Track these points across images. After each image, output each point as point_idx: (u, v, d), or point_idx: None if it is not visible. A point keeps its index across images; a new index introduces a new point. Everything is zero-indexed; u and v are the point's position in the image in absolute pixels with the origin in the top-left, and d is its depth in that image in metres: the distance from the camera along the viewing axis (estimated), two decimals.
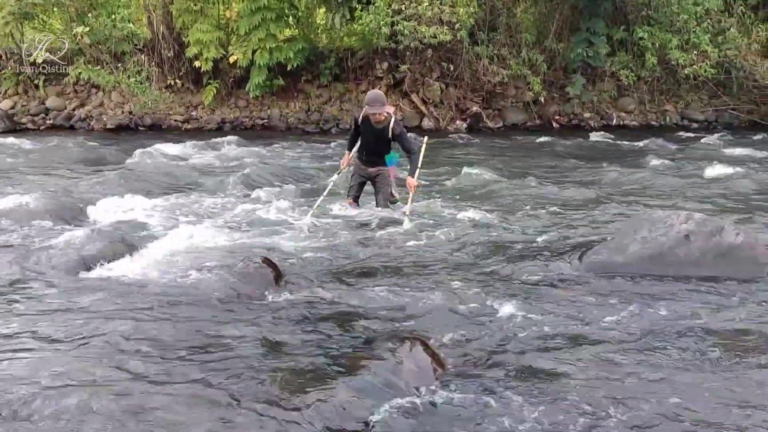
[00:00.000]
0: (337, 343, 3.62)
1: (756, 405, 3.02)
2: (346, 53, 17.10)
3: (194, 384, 3.11)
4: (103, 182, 8.46)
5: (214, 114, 16.96)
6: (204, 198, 7.79)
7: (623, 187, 8.81)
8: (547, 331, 3.85)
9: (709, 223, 4.98)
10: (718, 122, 16.93)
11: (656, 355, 3.54)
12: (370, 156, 6.87)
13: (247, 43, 16.04)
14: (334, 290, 4.52)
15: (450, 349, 3.61)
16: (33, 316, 3.96)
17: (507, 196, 8.20)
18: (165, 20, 16.78)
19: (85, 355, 3.39)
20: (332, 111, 16.98)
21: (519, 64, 16.27)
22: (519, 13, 17.59)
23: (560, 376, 3.31)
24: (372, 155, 6.87)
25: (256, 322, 3.91)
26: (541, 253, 5.35)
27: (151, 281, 4.60)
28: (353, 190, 7.09)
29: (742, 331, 3.84)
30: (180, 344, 3.57)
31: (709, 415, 2.95)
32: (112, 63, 16.48)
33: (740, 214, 6.84)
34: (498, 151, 12.78)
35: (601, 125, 16.64)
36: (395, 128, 6.63)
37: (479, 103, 16.72)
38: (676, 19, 16.24)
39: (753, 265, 4.86)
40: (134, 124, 16.66)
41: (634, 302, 4.27)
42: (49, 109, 17.20)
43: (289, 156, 11.94)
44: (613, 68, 16.58)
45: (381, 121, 6.60)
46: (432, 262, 5.22)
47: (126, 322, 3.81)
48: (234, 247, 5.44)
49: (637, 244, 4.96)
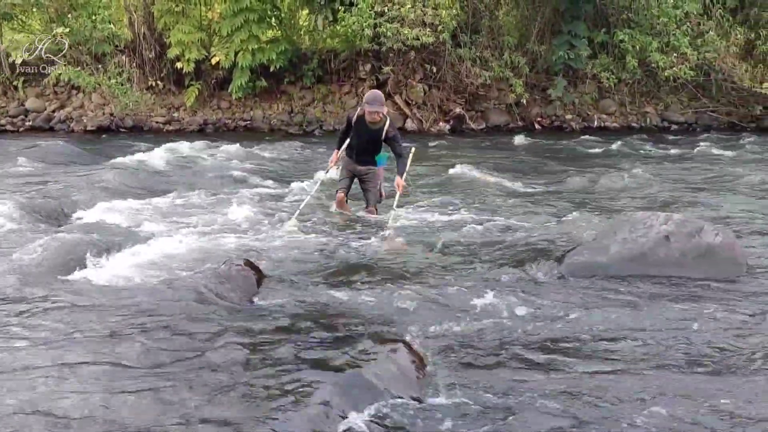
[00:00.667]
0: (320, 345, 3.61)
1: (739, 405, 3.06)
2: (329, 55, 17.08)
3: (174, 387, 3.09)
4: (83, 185, 8.37)
5: (196, 115, 16.86)
6: (186, 200, 7.74)
7: (604, 188, 8.88)
8: (528, 332, 3.87)
9: (688, 224, 5.04)
10: (698, 124, 17.13)
11: (639, 356, 3.57)
12: (361, 155, 6.84)
13: (230, 45, 15.97)
14: (317, 292, 4.51)
15: (432, 350, 3.62)
16: (7, 321, 3.90)
17: (489, 197, 8.23)
18: (146, 21, 16.67)
19: (61, 359, 3.35)
20: (315, 113, 16.95)
21: (501, 66, 16.36)
22: (501, 16, 17.70)
23: (542, 377, 3.33)
24: (363, 155, 6.84)
25: (237, 324, 3.88)
26: (522, 254, 5.38)
27: (131, 284, 4.56)
28: (343, 183, 7.03)
29: (724, 330, 3.89)
30: (160, 347, 3.53)
31: (690, 415, 2.97)
32: (92, 64, 16.33)
33: (719, 215, 6.92)
34: (480, 152, 12.82)
35: (582, 127, 16.78)
36: (390, 130, 6.62)
37: (462, 104, 16.78)
38: (656, 22, 16.43)
39: (732, 265, 4.92)
40: (115, 125, 16.50)
41: (615, 303, 4.31)
42: (28, 110, 16.99)
43: (272, 158, 11.89)
44: (594, 71, 16.73)
45: (376, 122, 6.57)
46: (414, 264, 5.23)
47: (105, 325, 3.77)
48: (216, 250, 5.40)
49: (618, 245, 5.00)
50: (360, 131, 6.71)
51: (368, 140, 6.72)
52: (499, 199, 8.06)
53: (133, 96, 16.19)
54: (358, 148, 6.83)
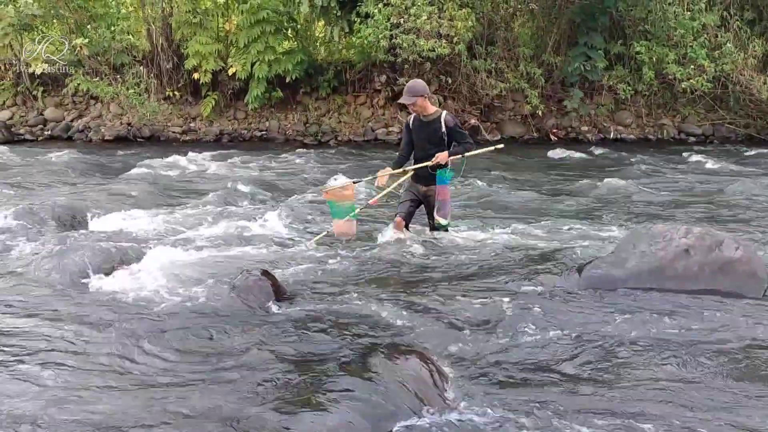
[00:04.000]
0: (337, 356, 3.60)
1: (758, 421, 3.01)
2: (345, 66, 17.17)
3: (193, 398, 3.09)
4: (101, 194, 8.45)
5: (213, 126, 16.98)
6: (203, 210, 7.78)
7: (621, 200, 8.82)
8: (545, 347, 3.83)
9: (708, 237, 4.97)
10: (715, 136, 17.00)
11: (658, 371, 3.52)
12: (424, 159, 6.03)
13: (246, 56, 16.10)
14: (334, 303, 4.50)
15: (450, 362, 3.60)
16: (30, 329, 3.94)
17: (504, 209, 8.20)
18: (164, 32, 16.85)
19: (82, 368, 3.37)
20: (330, 123, 17.02)
21: (517, 77, 16.35)
22: (516, 28, 17.69)
23: (561, 392, 3.29)
24: (424, 159, 6.03)
25: (254, 335, 3.88)
26: (540, 266, 5.34)
27: (149, 293, 4.58)
28: (403, 207, 6.29)
29: (744, 346, 3.83)
30: (177, 357, 3.55)
31: (712, 430, 2.93)
32: (111, 74, 16.51)
33: (739, 228, 6.85)
34: (495, 163, 12.80)
35: (598, 139, 16.70)
36: (448, 120, 5.94)
37: (477, 116, 16.77)
38: (673, 34, 16.35)
39: (753, 280, 4.84)
40: (132, 135, 16.67)
41: (633, 317, 4.26)
42: (47, 120, 17.22)
43: (286, 168, 11.94)
44: (610, 82, 16.66)
45: (429, 114, 5.96)
46: (431, 275, 5.21)
47: (124, 334, 3.78)
48: (233, 260, 5.42)
49: (636, 258, 4.94)
50: (417, 132, 6.07)
51: (427, 136, 6.00)
52: (513, 211, 8.03)
53: (150, 106, 16.35)
54: (419, 150, 6.10)
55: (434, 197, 6.11)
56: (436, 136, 5.98)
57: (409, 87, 5.94)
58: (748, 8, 17.38)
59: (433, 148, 5.99)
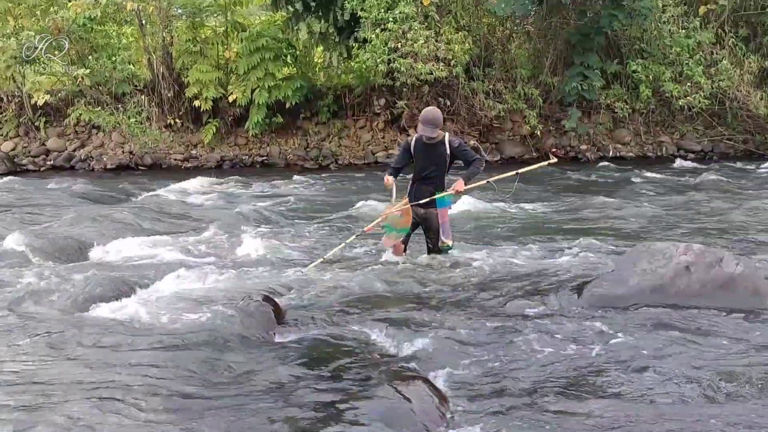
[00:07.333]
0: (339, 381, 3.60)
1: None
2: (344, 90, 17.29)
3: (195, 423, 3.09)
4: (104, 223, 8.47)
5: (214, 152, 17.06)
6: (204, 237, 7.80)
7: (621, 218, 8.83)
8: (549, 368, 3.83)
9: (708, 254, 4.99)
10: (714, 152, 17.03)
11: (662, 389, 3.52)
12: (426, 181, 6.10)
13: (246, 82, 16.23)
14: (335, 328, 4.51)
15: (453, 386, 3.60)
16: (33, 357, 3.95)
17: (505, 229, 8.22)
18: (165, 61, 16.99)
19: (85, 396, 3.37)
20: (331, 147, 17.10)
21: (515, 98, 16.44)
22: (513, 49, 17.83)
23: (565, 414, 3.29)
24: (427, 180, 6.09)
25: (256, 360, 3.89)
26: (541, 286, 5.35)
27: (150, 321, 4.59)
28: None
29: (745, 364, 3.83)
30: (178, 383, 3.55)
31: None
32: (112, 104, 16.64)
33: (739, 244, 6.85)
34: (495, 184, 12.82)
35: (597, 157, 16.76)
36: (453, 141, 6.04)
37: (476, 137, 16.83)
38: (668, 52, 16.47)
39: (753, 296, 4.86)
40: (134, 163, 16.74)
41: (636, 335, 4.26)
42: (49, 150, 17.30)
43: (288, 193, 11.98)
44: (607, 101, 16.74)
45: (434, 138, 5.99)
46: (431, 298, 5.22)
47: (127, 362, 3.80)
48: (235, 286, 5.44)
49: (637, 276, 4.96)
50: (420, 153, 6.09)
51: (431, 158, 6.04)
52: (513, 231, 8.05)
53: (152, 134, 16.44)
54: (422, 171, 6.10)
55: (434, 219, 6.13)
56: (441, 158, 6.07)
57: (433, 119, 5.96)
58: (743, 25, 17.51)
59: (435, 169, 6.08)
